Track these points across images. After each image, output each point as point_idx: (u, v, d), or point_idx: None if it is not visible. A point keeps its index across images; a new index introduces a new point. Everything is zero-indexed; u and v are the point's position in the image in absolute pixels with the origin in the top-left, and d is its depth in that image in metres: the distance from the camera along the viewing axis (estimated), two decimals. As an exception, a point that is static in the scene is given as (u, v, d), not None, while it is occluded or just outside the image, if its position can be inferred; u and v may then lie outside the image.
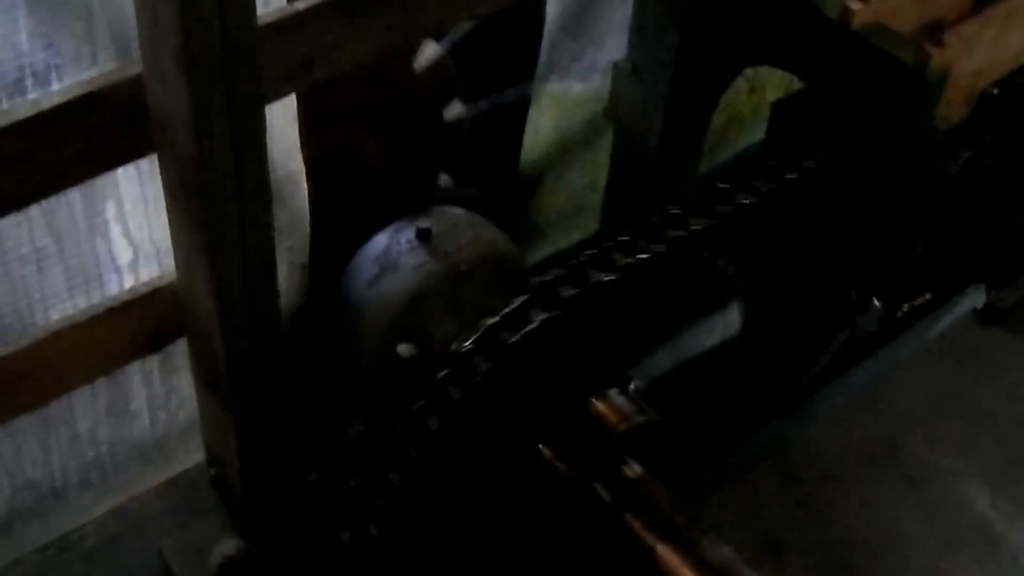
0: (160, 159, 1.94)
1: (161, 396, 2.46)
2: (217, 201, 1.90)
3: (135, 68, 1.85)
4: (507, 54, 2.79)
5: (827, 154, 2.49)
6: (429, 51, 2.60)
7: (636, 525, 2.22)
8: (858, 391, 3.12)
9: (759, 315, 2.55)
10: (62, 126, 1.83)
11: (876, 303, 3.11)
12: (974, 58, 2.34)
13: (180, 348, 2.35)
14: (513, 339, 2.08)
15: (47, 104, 1.81)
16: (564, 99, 2.85)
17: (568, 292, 2.12)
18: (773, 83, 3.38)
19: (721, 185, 2.36)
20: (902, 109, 2.38)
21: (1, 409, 2.13)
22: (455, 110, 2.63)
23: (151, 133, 1.90)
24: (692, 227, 2.24)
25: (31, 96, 1.86)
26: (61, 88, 1.87)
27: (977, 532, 2.97)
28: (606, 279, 2.14)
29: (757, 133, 3.41)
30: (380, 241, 2.44)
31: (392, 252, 2.41)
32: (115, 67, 1.89)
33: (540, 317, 2.10)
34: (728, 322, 2.50)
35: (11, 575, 2.49)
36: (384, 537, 2.19)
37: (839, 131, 2.54)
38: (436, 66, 2.62)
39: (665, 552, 2.18)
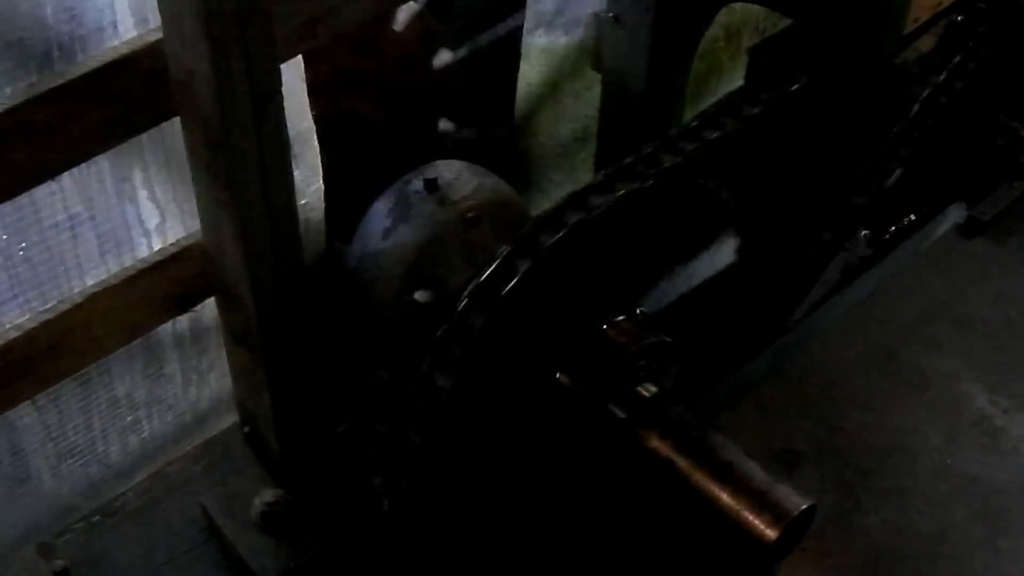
0: (183, 120, 2.04)
1: (193, 358, 2.55)
2: (239, 155, 1.99)
3: (155, 35, 1.95)
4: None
5: (807, 78, 2.59)
6: (405, 10, 2.69)
7: (652, 440, 2.34)
8: (854, 306, 3.26)
9: (755, 241, 2.67)
10: (89, 95, 1.92)
11: (863, 231, 3.24)
12: (937, -25, 2.45)
13: (209, 310, 2.46)
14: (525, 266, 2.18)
15: (74, 74, 1.90)
16: (551, 52, 2.95)
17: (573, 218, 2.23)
18: (748, 29, 3.48)
19: (710, 111, 2.47)
20: (872, 30, 2.48)
21: (44, 374, 2.20)
22: (442, 58, 2.74)
23: (173, 96, 2.01)
24: (687, 151, 2.35)
25: (58, 68, 1.94)
26: (86, 58, 1.95)
27: (978, 427, 3.10)
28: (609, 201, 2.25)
29: (736, 80, 3.52)
30: (390, 195, 2.54)
31: (403, 204, 2.51)
32: (136, 35, 1.98)
33: (547, 241, 2.20)
34: (726, 249, 2.62)
35: (59, 544, 2.57)
36: (413, 475, 2.30)
37: (817, 62, 2.65)
38: (416, 21, 2.72)
39: (681, 462, 2.30)
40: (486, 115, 2.87)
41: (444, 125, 2.75)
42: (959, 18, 3.06)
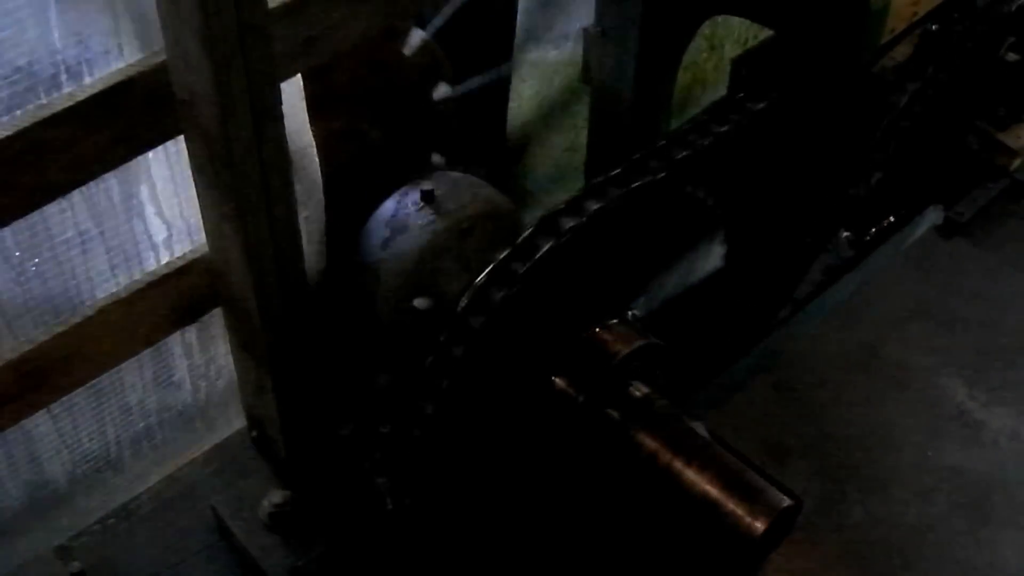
0: (187, 138, 2.05)
1: (201, 366, 2.55)
2: (242, 171, 2.00)
3: (159, 57, 1.95)
4: (486, 28, 2.90)
5: (786, 87, 2.59)
6: (416, 37, 2.71)
7: (644, 439, 2.33)
8: (837, 306, 3.26)
9: (741, 245, 2.66)
10: (96, 115, 1.93)
11: (844, 232, 3.25)
12: (912, -13, 2.45)
13: (216, 320, 2.46)
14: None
15: (82, 96, 1.90)
16: (542, 66, 2.94)
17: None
18: (731, 41, 3.47)
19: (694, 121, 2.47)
20: (850, 40, 2.48)
21: (58, 384, 2.21)
22: (442, 91, 2.75)
23: (177, 115, 2.01)
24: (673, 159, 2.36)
25: (66, 90, 1.95)
26: (93, 80, 1.96)
27: (958, 420, 3.11)
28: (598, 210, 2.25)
29: (720, 89, 3.52)
30: (388, 206, 2.53)
31: (400, 215, 2.51)
32: (140, 57, 1.98)
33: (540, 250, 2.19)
34: (713, 252, 2.62)
35: (75, 546, 2.58)
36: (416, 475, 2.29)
37: (797, 72, 2.64)
38: (423, 50, 2.73)
39: (671, 460, 2.29)
40: (476, 154, 2.87)
41: (436, 159, 2.75)
42: (934, 27, 3.06)
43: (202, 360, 2.54)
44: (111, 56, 1.99)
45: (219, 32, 1.82)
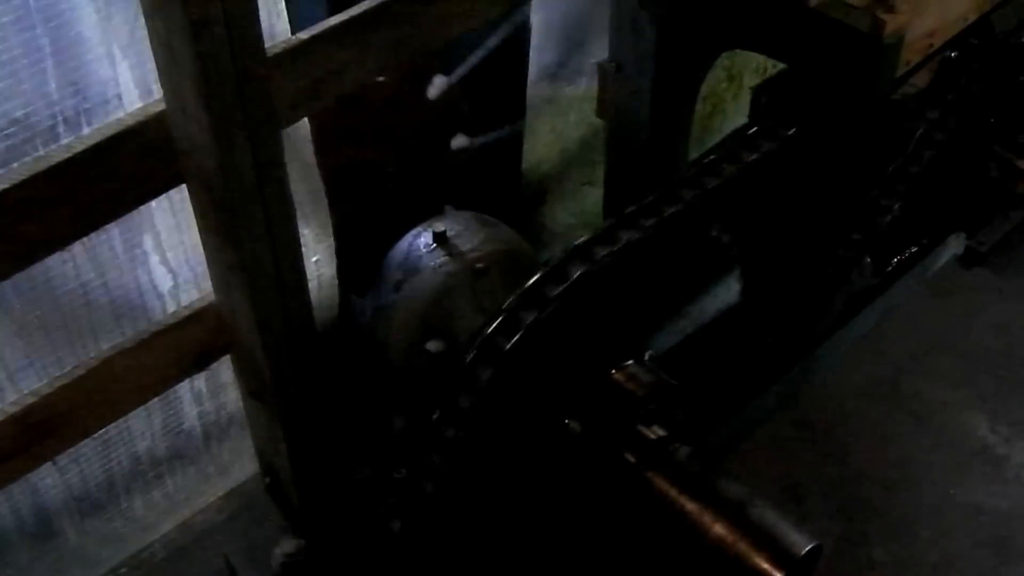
0: (189, 187, 1.96)
1: (212, 413, 2.46)
2: (245, 220, 1.92)
3: (159, 106, 1.87)
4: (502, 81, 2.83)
5: (803, 122, 2.49)
6: (440, 82, 2.63)
7: (660, 483, 2.23)
8: (858, 338, 3.14)
9: (759, 281, 2.56)
10: (96, 167, 1.84)
11: (867, 260, 3.13)
12: (925, 20, 2.34)
13: (225, 367, 2.37)
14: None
15: (80, 147, 1.82)
16: (557, 102, 2.87)
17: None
18: (749, 70, 3.39)
19: (709, 159, 2.38)
20: (864, 74, 2.38)
21: (64, 436, 2.13)
22: (459, 141, 2.67)
23: (179, 164, 1.92)
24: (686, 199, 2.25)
25: (64, 141, 1.86)
26: (91, 131, 1.87)
27: (980, 456, 2.98)
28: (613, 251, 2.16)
29: (739, 119, 3.43)
30: (401, 248, 2.47)
31: (413, 256, 2.44)
32: (140, 107, 1.90)
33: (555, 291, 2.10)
34: (729, 290, 2.52)
35: (88, 596, 2.50)
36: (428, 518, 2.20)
37: (814, 106, 2.55)
38: (446, 95, 2.65)
39: (688, 504, 2.19)
40: (491, 203, 2.78)
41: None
42: (952, 55, 2.96)
43: (212, 407, 2.45)
44: (111, 106, 1.90)
45: (217, 81, 1.73)
